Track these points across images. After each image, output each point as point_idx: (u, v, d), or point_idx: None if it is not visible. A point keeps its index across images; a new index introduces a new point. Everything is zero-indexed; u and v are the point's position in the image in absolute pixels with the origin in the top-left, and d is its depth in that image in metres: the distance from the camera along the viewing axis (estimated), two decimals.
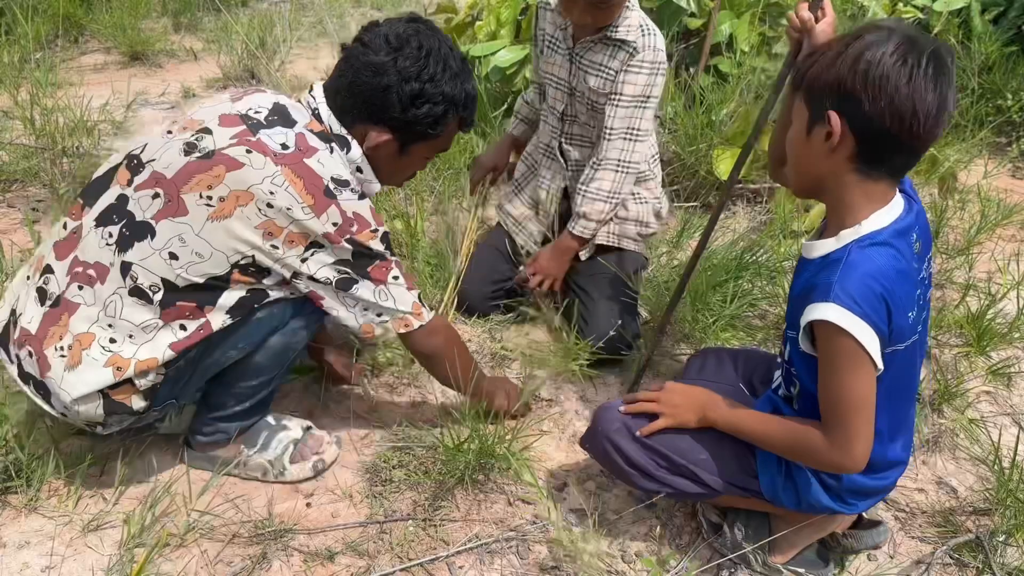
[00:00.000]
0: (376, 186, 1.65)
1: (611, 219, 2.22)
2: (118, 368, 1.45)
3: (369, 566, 1.57)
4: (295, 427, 1.78)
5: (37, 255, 1.61)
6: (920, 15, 3.61)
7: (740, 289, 2.25)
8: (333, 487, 1.75)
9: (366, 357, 2.07)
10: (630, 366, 2.18)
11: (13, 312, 1.56)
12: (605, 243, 2.24)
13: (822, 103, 1.27)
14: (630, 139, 2.08)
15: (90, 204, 1.56)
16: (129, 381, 1.47)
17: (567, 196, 2.32)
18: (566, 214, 2.27)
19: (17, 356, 1.52)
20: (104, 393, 1.47)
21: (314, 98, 1.57)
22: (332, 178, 1.48)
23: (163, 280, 1.45)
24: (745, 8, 3.12)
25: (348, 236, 1.48)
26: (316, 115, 1.56)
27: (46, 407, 1.51)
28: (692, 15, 3.06)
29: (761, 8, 3.11)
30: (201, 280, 1.46)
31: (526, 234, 2.37)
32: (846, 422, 1.32)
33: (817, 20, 1.47)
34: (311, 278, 1.51)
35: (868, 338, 1.26)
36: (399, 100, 1.53)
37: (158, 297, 1.46)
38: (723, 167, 2.78)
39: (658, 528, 1.69)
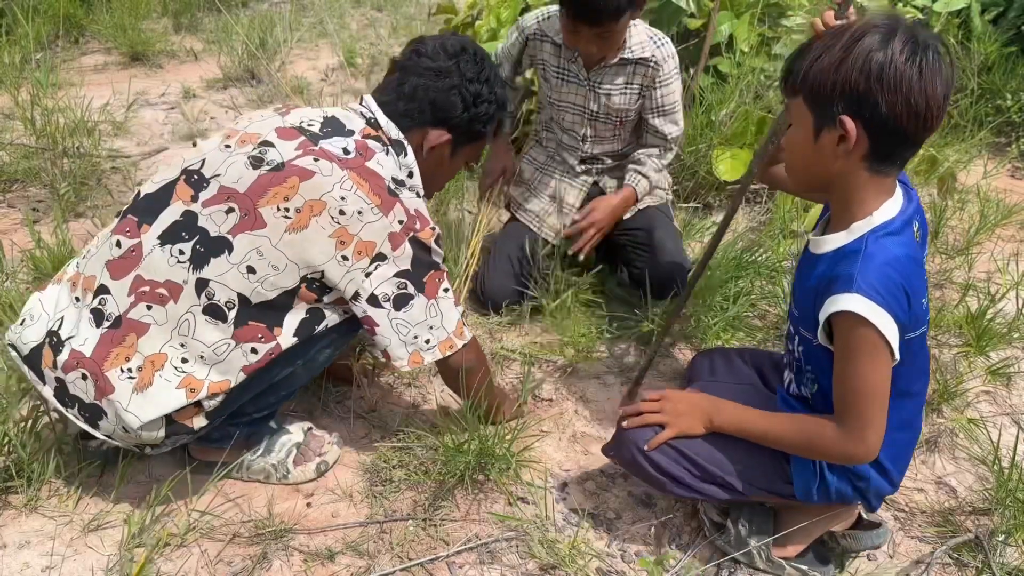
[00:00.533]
0: (420, 192, 1.68)
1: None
2: (191, 389, 1.45)
3: (369, 566, 1.57)
4: (296, 430, 1.79)
5: (79, 274, 1.57)
6: (920, 15, 3.61)
7: (744, 289, 2.26)
8: (333, 487, 1.75)
9: (366, 357, 2.07)
10: (631, 365, 2.18)
11: (54, 335, 1.51)
12: (651, 204, 2.39)
13: (831, 107, 1.26)
14: (680, 131, 2.32)
15: (147, 222, 1.53)
16: (197, 402, 1.47)
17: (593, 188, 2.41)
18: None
19: (60, 378, 1.48)
20: (167, 415, 1.46)
21: (367, 108, 1.63)
22: (392, 178, 1.55)
23: (239, 295, 1.46)
24: (745, 8, 3.11)
25: (412, 234, 1.51)
26: (371, 123, 1.62)
27: (89, 428, 1.50)
28: (692, 15, 3.06)
29: (761, 8, 3.11)
30: (273, 295, 1.47)
31: (547, 227, 2.40)
32: (861, 411, 1.32)
33: None
34: (371, 299, 1.51)
35: (889, 328, 1.27)
36: (462, 100, 1.64)
37: (232, 315, 1.46)
38: (723, 167, 2.77)
39: (658, 528, 1.69)
